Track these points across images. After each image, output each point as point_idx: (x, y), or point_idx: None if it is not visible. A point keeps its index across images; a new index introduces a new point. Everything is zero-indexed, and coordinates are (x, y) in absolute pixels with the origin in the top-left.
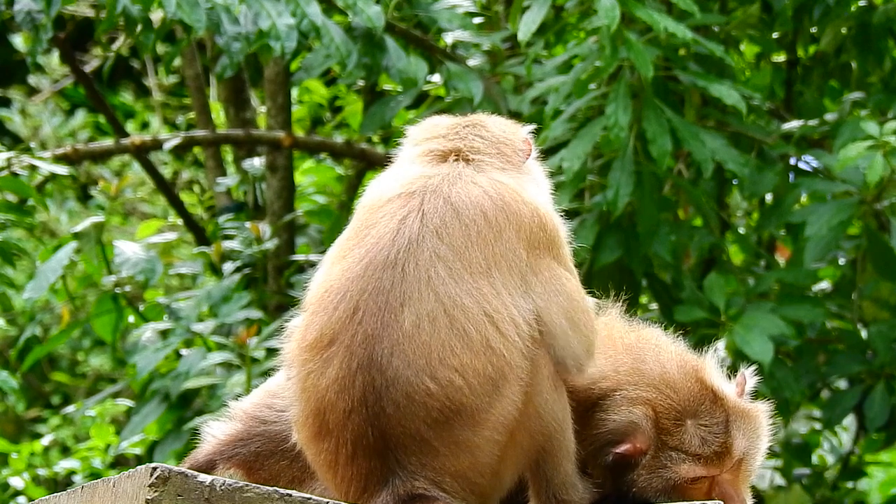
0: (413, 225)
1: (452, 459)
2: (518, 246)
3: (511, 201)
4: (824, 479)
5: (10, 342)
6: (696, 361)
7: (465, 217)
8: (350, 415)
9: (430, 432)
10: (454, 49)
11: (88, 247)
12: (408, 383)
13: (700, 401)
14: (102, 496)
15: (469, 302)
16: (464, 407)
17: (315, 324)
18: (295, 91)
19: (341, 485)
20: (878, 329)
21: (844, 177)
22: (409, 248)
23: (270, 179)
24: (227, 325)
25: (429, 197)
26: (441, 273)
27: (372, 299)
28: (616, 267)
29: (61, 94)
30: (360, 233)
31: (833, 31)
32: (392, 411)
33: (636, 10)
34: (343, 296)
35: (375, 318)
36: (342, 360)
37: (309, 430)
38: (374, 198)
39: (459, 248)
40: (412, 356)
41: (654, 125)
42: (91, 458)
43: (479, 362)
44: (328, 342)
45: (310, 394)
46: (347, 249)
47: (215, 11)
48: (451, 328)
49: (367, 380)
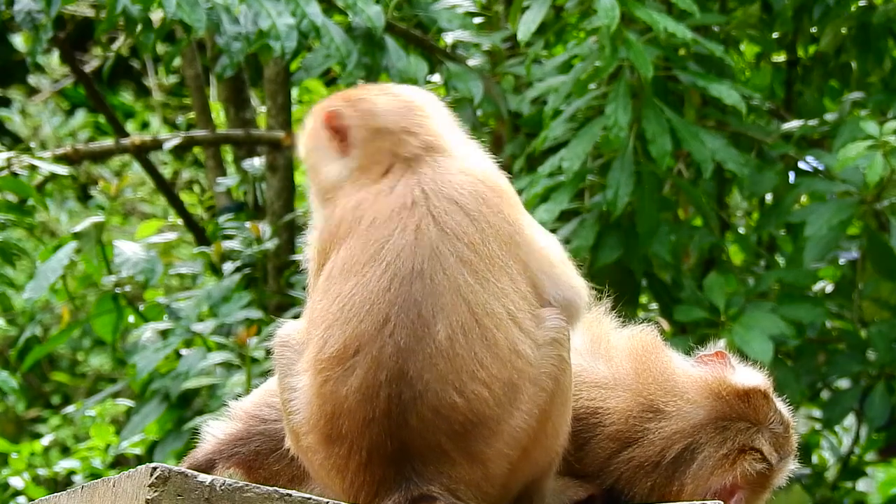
0: (429, 231)
1: (468, 469)
2: (510, 214)
3: (491, 176)
4: (824, 479)
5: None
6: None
7: (471, 210)
8: (370, 424)
9: (449, 444)
10: (454, 49)
11: (88, 247)
12: (436, 397)
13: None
14: (102, 496)
15: (497, 306)
16: (486, 418)
17: (335, 336)
18: (295, 91)
19: (350, 489)
20: (878, 329)
21: (844, 177)
22: (433, 255)
23: (270, 179)
24: (227, 325)
25: (433, 202)
26: (469, 279)
27: (403, 312)
28: (616, 267)
29: (61, 94)
30: (368, 250)
31: (833, 31)
32: (416, 424)
33: (636, 10)
34: (370, 308)
35: (408, 331)
36: (367, 370)
37: (319, 433)
38: (365, 212)
39: (478, 245)
40: (444, 370)
41: (653, 125)
42: (91, 458)
43: (505, 371)
44: (353, 353)
45: (325, 399)
46: (359, 265)
47: (215, 11)
48: (483, 338)
49: (393, 392)
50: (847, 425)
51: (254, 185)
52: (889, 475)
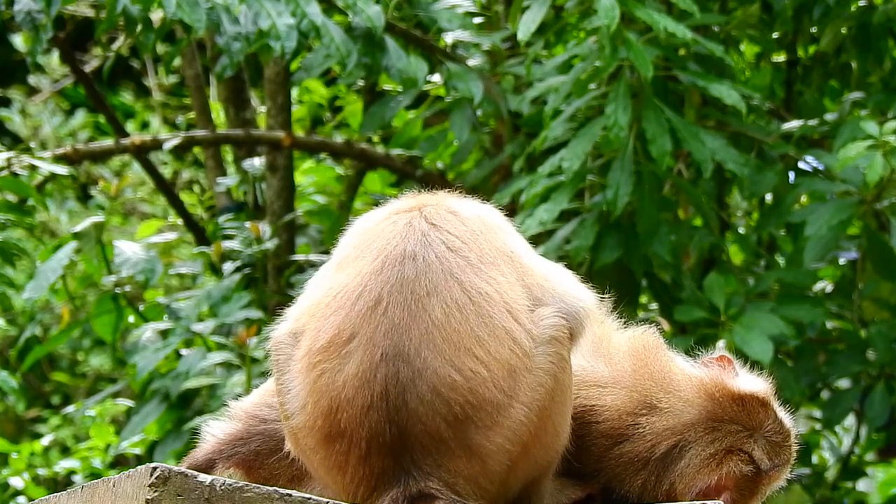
0: (421, 225)
1: (466, 462)
2: (506, 239)
3: (490, 210)
4: (824, 479)
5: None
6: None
7: (464, 216)
8: (368, 411)
9: (448, 431)
10: (454, 49)
11: (88, 247)
12: (435, 374)
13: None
14: (102, 496)
15: (489, 290)
16: (484, 402)
17: (328, 325)
18: (295, 91)
19: (349, 485)
20: (878, 329)
21: (844, 177)
22: (423, 241)
23: (270, 179)
24: (227, 325)
25: (427, 208)
26: (460, 262)
27: (396, 290)
28: (616, 267)
29: (61, 94)
30: (359, 246)
31: (833, 31)
32: (415, 405)
33: (636, 9)
34: (361, 292)
35: (402, 307)
36: (364, 352)
37: (318, 434)
38: (360, 226)
39: (468, 240)
40: (442, 345)
41: (653, 125)
42: (91, 458)
43: (502, 352)
44: (347, 338)
45: (321, 395)
46: (350, 260)
47: (215, 11)
48: (478, 315)
49: (390, 371)
50: (847, 425)
51: (254, 185)
52: (889, 475)
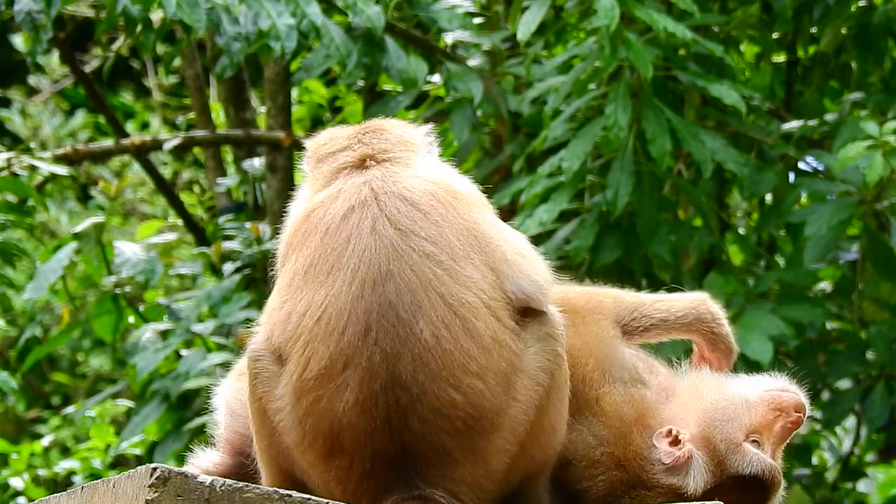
0: (387, 231)
1: (470, 468)
2: (466, 212)
3: (447, 180)
4: (824, 479)
5: (10, 342)
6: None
7: (423, 206)
8: (373, 434)
9: (452, 443)
10: (454, 49)
11: (88, 247)
12: (435, 398)
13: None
14: (102, 496)
15: (470, 297)
16: (485, 411)
17: (319, 354)
18: (295, 91)
19: (352, 497)
20: (878, 329)
21: (844, 177)
22: (396, 255)
23: (270, 179)
24: (227, 325)
25: (382, 200)
26: (437, 270)
27: (382, 317)
28: (616, 267)
29: (61, 94)
30: (329, 257)
31: (833, 31)
32: (418, 428)
33: (636, 10)
34: (347, 319)
35: (390, 335)
36: (361, 382)
37: (317, 450)
38: (318, 221)
39: (436, 238)
40: (436, 368)
41: (653, 125)
42: (91, 458)
43: (493, 361)
44: (341, 367)
45: (320, 417)
46: (324, 274)
47: (215, 11)
48: (465, 330)
49: (391, 399)
50: (847, 426)
51: (254, 185)
52: (889, 476)
